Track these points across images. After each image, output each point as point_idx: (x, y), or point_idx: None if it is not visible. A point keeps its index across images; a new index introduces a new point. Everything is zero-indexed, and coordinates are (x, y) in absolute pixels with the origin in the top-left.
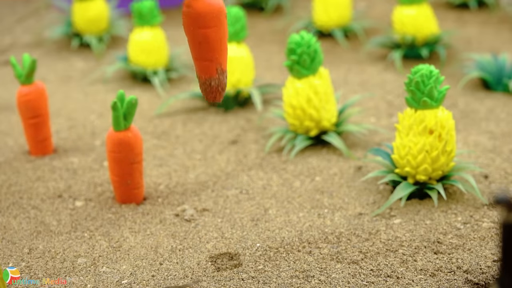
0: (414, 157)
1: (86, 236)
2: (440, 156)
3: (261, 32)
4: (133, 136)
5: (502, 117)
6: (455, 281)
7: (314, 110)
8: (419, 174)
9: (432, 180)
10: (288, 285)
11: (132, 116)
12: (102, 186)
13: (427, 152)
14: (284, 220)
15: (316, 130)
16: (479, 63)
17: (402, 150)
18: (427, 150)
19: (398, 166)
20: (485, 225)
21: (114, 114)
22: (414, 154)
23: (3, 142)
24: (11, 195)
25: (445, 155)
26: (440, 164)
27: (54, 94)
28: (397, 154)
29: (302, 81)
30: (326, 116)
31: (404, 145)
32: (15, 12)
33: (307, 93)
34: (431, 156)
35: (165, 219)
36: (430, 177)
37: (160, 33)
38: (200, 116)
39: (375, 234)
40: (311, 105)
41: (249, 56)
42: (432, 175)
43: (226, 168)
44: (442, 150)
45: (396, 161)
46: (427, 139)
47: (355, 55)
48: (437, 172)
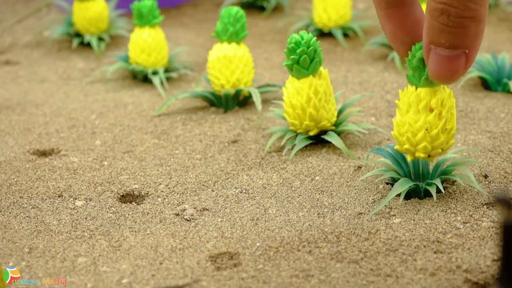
0: (413, 134)
1: (86, 235)
2: (440, 134)
3: (261, 32)
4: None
5: (501, 116)
6: (454, 280)
7: (314, 110)
8: (418, 152)
9: (431, 158)
10: (288, 284)
11: None
12: (102, 185)
13: (427, 130)
14: (284, 219)
15: (316, 129)
16: (478, 62)
17: (402, 127)
18: (427, 128)
19: (397, 143)
20: (484, 225)
21: None
22: (413, 132)
23: (4, 142)
24: (11, 194)
25: (445, 133)
26: (439, 142)
27: (54, 94)
28: (397, 131)
29: (302, 81)
30: (326, 116)
31: (404, 122)
32: (15, 12)
33: (307, 93)
34: (430, 134)
35: (165, 219)
36: (430, 154)
37: (160, 33)
38: (200, 116)
39: (374, 234)
40: (311, 105)
41: (249, 56)
42: (432, 153)
43: (226, 167)
44: (442, 128)
45: (396, 138)
46: (427, 117)
47: (355, 55)
48: (436, 150)
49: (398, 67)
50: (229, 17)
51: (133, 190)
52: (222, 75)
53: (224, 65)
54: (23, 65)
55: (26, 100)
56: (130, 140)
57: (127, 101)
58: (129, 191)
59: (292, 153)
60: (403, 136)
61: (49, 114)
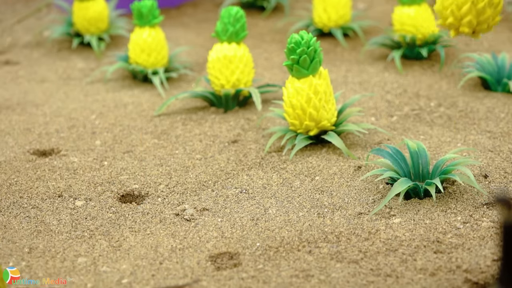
0: (458, 7)
1: (86, 235)
2: (487, 8)
3: (261, 32)
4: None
5: (501, 116)
6: (454, 280)
7: (314, 110)
8: (463, 26)
9: (476, 34)
10: (288, 284)
11: None
12: (102, 185)
13: (473, 3)
14: (284, 219)
15: (316, 129)
16: (478, 62)
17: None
18: (473, 1)
19: (440, 17)
20: (484, 225)
21: None
22: (459, 5)
23: (4, 142)
24: (11, 194)
25: (492, 7)
26: (486, 17)
27: (54, 94)
28: (440, 4)
29: (302, 80)
30: (326, 116)
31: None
32: (15, 12)
33: (307, 93)
34: (477, 7)
35: (165, 219)
36: (475, 30)
37: (160, 33)
38: (200, 116)
39: (374, 234)
40: (311, 105)
41: (249, 56)
42: (477, 28)
43: (226, 167)
44: (489, 2)
45: (439, 12)
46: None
47: (355, 55)
48: (482, 26)
49: (398, 67)
50: (229, 17)
51: (133, 190)
52: (222, 75)
53: (224, 65)
54: (23, 65)
55: (26, 100)
56: (130, 140)
57: (127, 101)
58: (129, 191)
59: (292, 153)
60: (447, 9)
61: (49, 114)
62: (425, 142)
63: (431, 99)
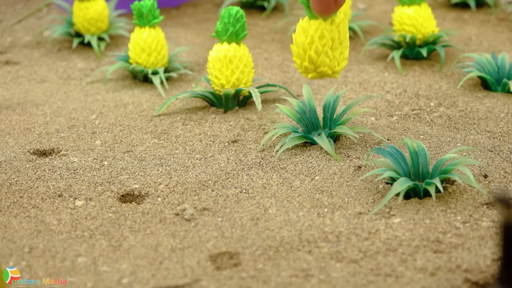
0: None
1: (86, 235)
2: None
3: (261, 32)
4: None
5: (501, 116)
6: (454, 280)
7: (315, 53)
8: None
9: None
10: (288, 284)
11: None
12: (102, 185)
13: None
14: (284, 219)
15: (315, 74)
16: (478, 62)
17: None
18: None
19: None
20: (484, 224)
21: None
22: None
23: (4, 142)
24: (11, 194)
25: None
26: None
27: (54, 94)
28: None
29: (311, 22)
30: (327, 63)
31: None
32: (15, 12)
33: (311, 35)
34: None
35: (165, 219)
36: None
37: (160, 33)
38: (200, 116)
39: (374, 234)
40: (313, 48)
41: (249, 55)
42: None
43: (226, 167)
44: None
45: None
46: None
47: (355, 55)
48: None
49: (398, 67)
50: (229, 17)
51: (133, 190)
52: (222, 75)
53: (224, 65)
54: (23, 65)
55: (26, 100)
56: (130, 140)
57: (127, 101)
58: (129, 191)
59: (280, 151)
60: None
61: (49, 114)
62: (425, 142)
63: (431, 99)
